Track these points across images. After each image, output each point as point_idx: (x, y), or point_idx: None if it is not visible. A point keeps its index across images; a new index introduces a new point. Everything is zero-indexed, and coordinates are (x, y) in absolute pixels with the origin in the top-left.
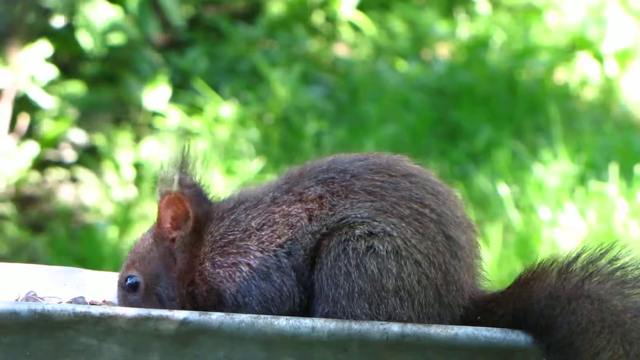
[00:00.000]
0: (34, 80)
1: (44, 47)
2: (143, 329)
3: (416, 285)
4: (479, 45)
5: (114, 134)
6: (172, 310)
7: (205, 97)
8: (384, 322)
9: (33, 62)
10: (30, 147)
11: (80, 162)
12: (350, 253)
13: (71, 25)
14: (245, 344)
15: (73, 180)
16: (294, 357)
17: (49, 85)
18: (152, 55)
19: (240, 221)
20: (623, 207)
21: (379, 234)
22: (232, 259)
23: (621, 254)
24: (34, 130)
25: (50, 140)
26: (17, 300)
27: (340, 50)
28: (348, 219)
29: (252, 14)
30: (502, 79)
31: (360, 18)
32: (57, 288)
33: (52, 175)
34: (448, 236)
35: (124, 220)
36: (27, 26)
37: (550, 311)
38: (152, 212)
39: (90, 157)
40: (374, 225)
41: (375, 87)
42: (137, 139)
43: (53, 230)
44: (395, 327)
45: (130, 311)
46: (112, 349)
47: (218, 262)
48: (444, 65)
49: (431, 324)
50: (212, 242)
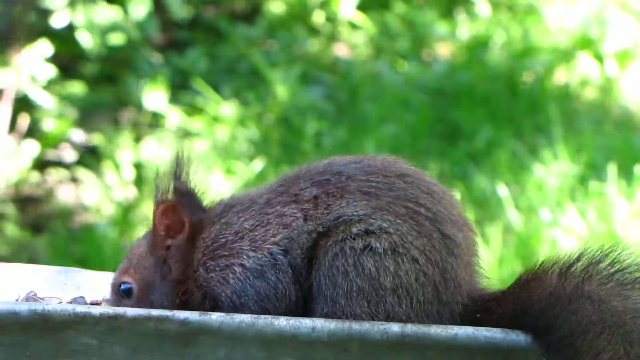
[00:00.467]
0: (34, 80)
1: (44, 47)
2: (143, 329)
3: (414, 282)
4: (479, 45)
5: (114, 134)
6: (172, 310)
7: (205, 97)
8: (384, 322)
9: (33, 62)
10: (31, 147)
11: (81, 162)
12: (348, 252)
13: (71, 25)
14: (245, 344)
15: (73, 180)
16: (294, 357)
17: (49, 85)
18: (152, 55)
19: (232, 224)
20: (623, 207)
21: (376, 232)
22: (224, 262)
23: (622, 256)
24: (34, 130)
25: (51, 140)
26: (17, 300)
27: (340, 50)
28: (345, 216)
29: (252, 14)
30: (502, 79)
31: (360, 18)
32: (57, 288)
33: (52, 175)
34: (444, 234)
35: (124, 220)
36: (27, 26)
37: (550, 311)
38: (151, 213)
39: (90, 157)
40: (371, 223)
41: (375, 87)
42: (137, 139)
43: (53, 231)
44: (396, 327)
45: (130, 311)
46: (113, 349)
47: (211, 266)
48: (444, 66)
49: (431, 322)
50: (204, 247)
